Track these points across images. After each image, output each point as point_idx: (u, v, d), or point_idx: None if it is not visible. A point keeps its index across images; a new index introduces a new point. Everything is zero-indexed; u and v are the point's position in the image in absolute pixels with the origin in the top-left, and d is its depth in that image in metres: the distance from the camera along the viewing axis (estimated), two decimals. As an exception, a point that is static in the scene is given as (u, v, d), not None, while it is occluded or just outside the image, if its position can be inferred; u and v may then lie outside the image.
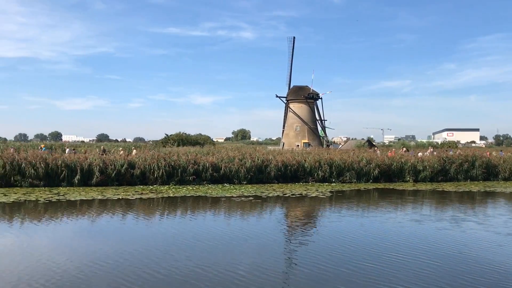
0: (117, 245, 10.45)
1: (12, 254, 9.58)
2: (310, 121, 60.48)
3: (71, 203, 16.98)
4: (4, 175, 21.40)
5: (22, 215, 14.53)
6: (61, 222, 13.48)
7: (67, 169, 22.07)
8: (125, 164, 23.11)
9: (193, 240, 11.14)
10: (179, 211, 16.04)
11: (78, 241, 11.00)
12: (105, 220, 13.96)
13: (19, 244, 10.56)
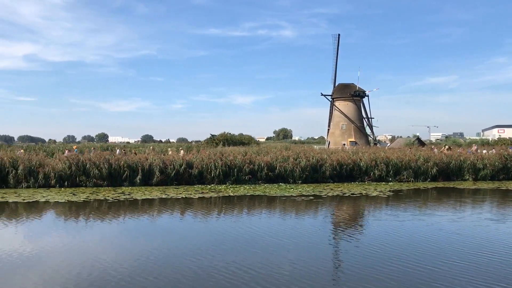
0: (172, 243, 10.64)
1: (67, 252, 9.83)
2: (356, 119, 59.44)
3: (137, 202, 17.41)
4: (70, 175, 22.28)
5: (92, 213, 15.03)
6: (125, 220, 13.83)
7: (129, 170, 22.71)
8: (184, 164, 23.51)
9: (248, 237, 11.17)
10: (240, 210, 16.10)
11: (140, 239, 11.12)
12: (167, 219, 14.22)
13: (76, 242, 10.91)
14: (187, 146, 42.73)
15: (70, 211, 15.54)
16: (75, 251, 9.83)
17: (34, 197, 18.33)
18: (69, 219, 14.12)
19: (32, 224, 13.23)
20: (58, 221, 13.83)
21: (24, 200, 17.56)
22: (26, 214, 14.88)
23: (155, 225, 13.33)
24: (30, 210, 15.73)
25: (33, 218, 14.27)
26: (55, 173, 22.01)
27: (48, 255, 9.54)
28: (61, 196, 18.80)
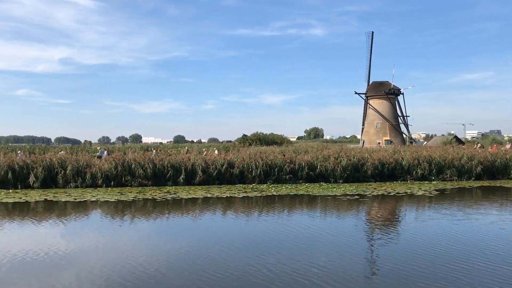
0: (212, 242, 10.68)
1: (107, 250, 10.09)
2: (391, 118, 58.47)
3: (182, 201, 17.70)
4: (116, 175, 22.85)
5: (138, 212, 15.38)
6: (169, 219, 14.10)
7: (172, 170, 23.12)
8: (225, 164, 23.73)
9: (284, 237, 11.16)
10: (285, 209, 16.11)
11: (180, 237, 11.28)
12: (210, 217, 14.38)
13: (118, 240, 11.16)
14: (224, 146, 43.05)
15: (117, 210, 15.95)
16: (115, 249, 10.12)
17: (84, 196, 18.91)
18: (116, 217, 14.47)
19: (79, 223, 13.63)
20: (105, 220, 14.18)
21: (76, 200, 18.13)
22: (75, 213, 15.36)
23: (198, 224, 13.46)
24: (78, 209, 16.23)
25: (81, 217, 14.73)
26: (102, 173, 22.64)
27: (89, 252, 9.78)
28: (110, 195, 19.32)
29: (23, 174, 22.10)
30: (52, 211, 15.61)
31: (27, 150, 38.91)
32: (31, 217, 14.48)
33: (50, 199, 18.20)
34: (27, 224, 13.28)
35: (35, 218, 14.22)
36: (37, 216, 14.65)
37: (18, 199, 18.18)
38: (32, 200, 17.96)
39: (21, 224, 13.35)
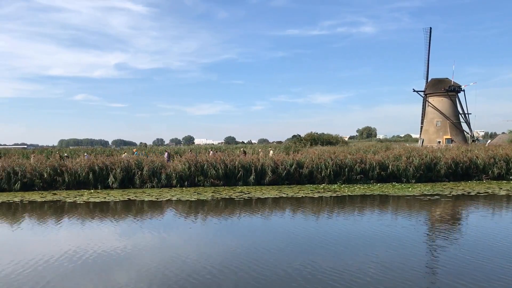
0: (276, 242, 10.71)
1: (170, 248, 10.29)
2: (452, 115, 56.26)
3: (259, 201, 17.90)
4: (190, 176, 23.47)
5: (215, 211, 15.68)
6: (240, 218, 14.19)
7: (243, 170, 23.45)
8: (294, 164, 23.77)
9: (349, 237, 10.95)
10: (365, 209, 15.88)
11: (246, 236, 11.32)
12: (280, 217, 14.44)
13: (186, 239, 11.34)
14: (285, 146, 43.07)
15: (193, 209, 16.44)
16: (176, 247, 10.45)
17: (164, 196, 19.53)
18: (190, 216, 14.89)
19: (156, 221, 14.10)
20: (178, 219, 14.59)
21: (158, 199, 18.77)
22: (152, 212, 15.94)
23: (268, 223, 13.53)
24: (157, 208, 16.80)
25: (158, 215, 15.28)
26: (176, 173, 23.33)
27: (151, 250, 10.13)
28: (189, 195, 19.85)
29: (102, 175, 23.17)
30: (131, 210, 16.28)
31: (93, 152, 40.74)
32: (111, 216, 15.18)
33: (133, 199, 18.95)
34: (106, 222, 13.91)
35: (115, 216, 14.93)
36: (116, 215, 15.37)
37: (102, 199, 19.07)
38: (117, 200, 18.77)
39: (101, 222, 13.94)
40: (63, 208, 16.80)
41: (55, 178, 22.81)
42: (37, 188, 22.47)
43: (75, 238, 11.61)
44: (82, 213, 15.66)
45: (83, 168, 22.94)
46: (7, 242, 11.47)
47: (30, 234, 12.37)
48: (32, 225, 13.60)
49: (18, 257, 9.48)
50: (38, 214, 15.68)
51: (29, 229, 13.08)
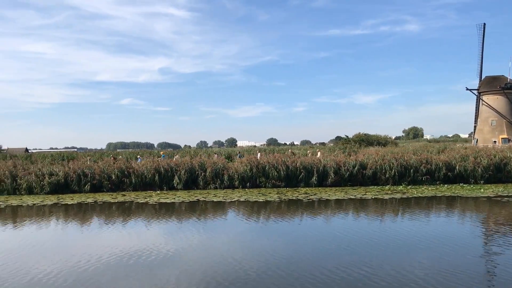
0: (331, 244, 10.51)
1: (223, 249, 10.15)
2: (508, 114, 53.87)
3: (322, 202, 17.75)
4: (251, 177, 23.62)
5: (278, 213, 15.62)
6: (301, 220, 14.02)
7: (305, 171, 23.35)
8: (357, 165, 23.45)
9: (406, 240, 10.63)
10: (444, 212, 15.43)
11: (303, 239, 11.11)
12: (341, 219, 14.14)
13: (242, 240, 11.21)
14: (328, 148, 42.63)
15: (253, 210, 16.56)
16: (230, 248, 10.40)
17: (231, 197, 19.73)
18: (251, 217, 14.95)
19: (216, 222, 14.23)
20: (240, 220, 14.61)
21: (226, 200, 18.99)
22: (215, 212, 16.11)
23: (328, 225, 13.32)
24: (218, 208, 17.00)
25: (220, 216, 15.35)
26: (238, 175, 23.53)
27: (209, 250, 10.22)
28: (254, 195, 19.97)
29: (167, 177, 23.71)
30: (195, 211, 16.54)
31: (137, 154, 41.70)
32: (176, 216, 15.47)
33: (201, 199, 19.26)
34: (171, 223, 14.17)
35: (180, 217, 15.18)
36: (181, 215, 15.63)
37: (172, 199, 19.48)
38: (186, 201, 19.12)
39: (166, 222, 14.23)
40: (131, 209, 17.28)
41: (123, 179, 23.53)
42: (106, 189, 23.26)
43: (136, 238, 11.93)
44: (150, 213, 16.08)
45: (149, 170, 23.56)
46: (73, 241, 11.86)
47: (97, 233, 12.77)
48: (100, 225, 14.04)
49: (86, 255, 9.81)
50: (107, 215, 16.19)
51: (95, 228, 13.51)
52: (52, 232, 13.17)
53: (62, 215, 16.34)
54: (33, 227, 13.93)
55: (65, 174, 23.31)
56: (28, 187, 22.85)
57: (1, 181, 23.04)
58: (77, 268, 8.90)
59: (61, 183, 23.13)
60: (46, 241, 11.98)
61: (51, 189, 22.75)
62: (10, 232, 13.31)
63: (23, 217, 15.89)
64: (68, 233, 13.00)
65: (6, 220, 15.43)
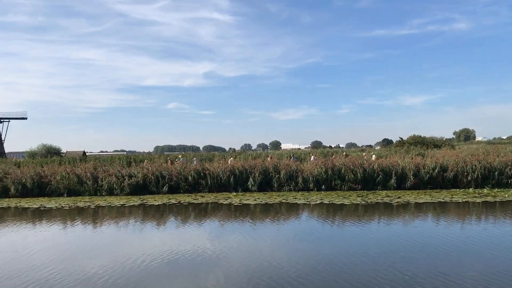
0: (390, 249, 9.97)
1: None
2: None
3: (405, 206, 17.24)
4: (326, 179, 23.36)
5: (349, 216, 15.23)
6: (379, 224, 13.51)
7: (383, 173, 22.87)
8: (438, 167, 22.75)
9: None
10: None
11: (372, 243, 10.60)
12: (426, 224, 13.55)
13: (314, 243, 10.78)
14: (377, 151, 41.65)
15: (328, 212, 16.30)
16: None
17: (313, 199, 19.56)
18: (326, 220, 14.65)
19: (289, 225, 13.93)
20: (316, 222, 14.34)
21: (309, 202, 18.84)
22: (289, 215, 15.89)
23: (400, 229, 12.73)
24: (294, 211, 16.85)
25: (294, 219, 15.09)
26: (313, 177, 23.34)
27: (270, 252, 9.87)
28: (334, 198, 19.71)
29: (242, 179, 23.84)
30: (269, 213, 16.46)
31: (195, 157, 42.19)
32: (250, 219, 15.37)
33: (291, 202, 19.20)
34: (246, 225, 14.05)
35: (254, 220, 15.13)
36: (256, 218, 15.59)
37: (265, 200, 19.53)
38: (273, 202, 19.12)
39: (242, 224, 14.15)
40: (207, 210, 17.42)
41: (199, 181, 23.87)
42: (182, 191, 23.66)
43: (212, 237, 11.95)
44: (229, 213, 16.19)
45: (224, 172, 23.78)
46: (149, 240, 11.98)
47: (174, 233, 12.86)
48: (176, 225, 14.19)
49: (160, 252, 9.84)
50: (186, 215, 16.39)
51: (172, 228, 13.66)
52: (131, 231, 13.43)
53: (142, 215, 16.85)
54: (111, 227, 14.39)
55: (143, 176, 23.90)
56: (109, 188, 23.57)
57: (84, 183, 23.88)
58: (135, 267, 9.13)
59: (140, 184, 23.74)
60: (118, 239, 12.21)
61: (130, 190, 23.37)
62: (90, 231, 13.68)
63: (113, 217, 16.36)
64: (145, 232, 13.28)
65: (97, 220, 15.91)
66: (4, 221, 16.21)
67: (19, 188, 23.79)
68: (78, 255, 10.33)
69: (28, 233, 13.57)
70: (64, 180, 23.91)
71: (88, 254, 10.44)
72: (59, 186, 23.80)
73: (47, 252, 10.79)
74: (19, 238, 12.85)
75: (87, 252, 10.72)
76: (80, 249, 11.02)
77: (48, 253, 10.66)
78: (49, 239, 12.71)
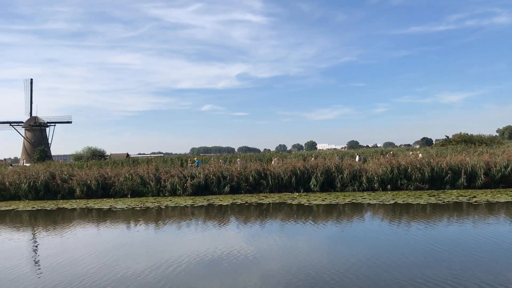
0: None
1: None
2: None
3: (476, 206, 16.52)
4: (392, 179, 22.78)
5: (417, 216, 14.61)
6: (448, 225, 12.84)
7: (451, 172, 22.12)
8: (510, 165, 21.83)
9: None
10: None
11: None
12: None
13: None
14: (421, 149, 40.41)
15: (394, 213, 15.83)
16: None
17: (386, 199, 19.07)
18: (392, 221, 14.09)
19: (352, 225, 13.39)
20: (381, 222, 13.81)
21: (382, 202, 18.37)
22: (354, 215, 15.38)
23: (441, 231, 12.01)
24: (367, 210, 16.36)
25: (358, 219, 14.56)
26: (378, 177, 22.81)
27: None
28: (407, 198, 19.17)
29: (304, 179, 23.56)
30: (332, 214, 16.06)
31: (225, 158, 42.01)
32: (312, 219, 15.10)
33: (357, 202, 18.81)
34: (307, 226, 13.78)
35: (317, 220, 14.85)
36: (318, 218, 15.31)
37: (331, 201, 19.22)
38: (339, 203, 18.75)
39: (304, 226, 13.82)
40: (282, 210, 17.20)
41: (260, 181, 23.74)
42: (243, 191, 23.59)
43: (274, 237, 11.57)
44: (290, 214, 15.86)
45: (286, 172, 23.56)
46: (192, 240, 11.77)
47: (236, 233, 12.62)
48: (237, 225, 14.00)
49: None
50: (246, 216, 16.19)
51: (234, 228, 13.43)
52: (196, 231, 13.34)
53: (204, 215, 16.97)
54: (173, 227, 14.43)
55: (205, 177, 23.98)
56: (172, 189, 23.76)
57: (147, 184, 24.17)
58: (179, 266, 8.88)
59: (202, 185, 23.82)
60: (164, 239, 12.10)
61: (193, 191, 23.47)
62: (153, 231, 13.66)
63: (176, 217, 16.39)
64: (211, 232, 13.15)
65: (163, 220, 15.96)
66: (103, 221, 16.55)
67: (85, 190, 24.29)
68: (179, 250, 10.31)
69: (133, 233, 13.75)
70: (128, 182, 24.25)
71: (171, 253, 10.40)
72: (122, 187, 24.16)
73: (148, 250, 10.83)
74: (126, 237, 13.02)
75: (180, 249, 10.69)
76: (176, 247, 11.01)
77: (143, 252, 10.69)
78: (152, 237, 12.79)
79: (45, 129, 75.79)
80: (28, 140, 73.84)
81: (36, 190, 24.65)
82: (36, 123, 74.21)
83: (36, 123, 74.24)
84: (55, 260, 10.15)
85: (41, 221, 17.43)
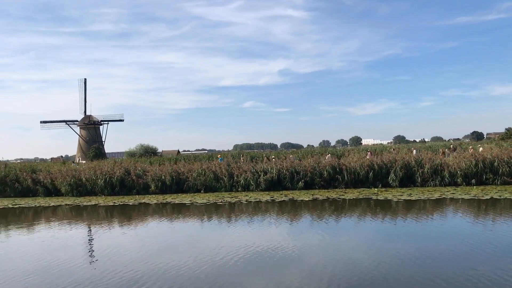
0: None
1: None
2: None
3: None
4: (476, 173, 21.72)
5: None
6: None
7: None
8: None
9: None
10: None
11: None
12: None
13: None
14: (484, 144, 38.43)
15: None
16: None
17: (480, 195, 18.15)
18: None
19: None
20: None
21: (472, 198, 17.49)
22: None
23: None
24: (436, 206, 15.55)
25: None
26: (461, 171, 21.81)
27: None
28: (505, 193, 18.16)
29: (381, 174, 22.86)
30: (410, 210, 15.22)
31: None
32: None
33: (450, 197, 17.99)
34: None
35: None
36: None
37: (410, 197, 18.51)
38: (430, 198, 17.99)
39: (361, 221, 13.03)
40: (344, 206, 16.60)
41: (335, 176, 23.23)
42: (317, 186, 23.15)
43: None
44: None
45: (363, 166, 22.94)
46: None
47: (305, 230, 12.04)
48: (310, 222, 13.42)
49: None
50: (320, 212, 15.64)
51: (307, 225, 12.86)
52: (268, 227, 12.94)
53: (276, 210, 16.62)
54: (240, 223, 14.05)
55: (278, 172, 23.73)
56: (245, 184, 23.67)
57: (220, 179, 24.19)
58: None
59: (275, 180, 23.58)
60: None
61: (266, 186, 23.28)
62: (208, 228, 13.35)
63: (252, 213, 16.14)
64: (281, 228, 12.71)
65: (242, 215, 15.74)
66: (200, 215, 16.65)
67: (159, 185, 24.61)
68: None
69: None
70: (201, 177, 24.36)
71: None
72: (196, 183, 24.30)
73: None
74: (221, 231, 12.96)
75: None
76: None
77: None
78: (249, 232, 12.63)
79: (98, 127, 78.30)
80: (83, 138, 76.47)
81: (111, 186, 25.20)
82: (90, 122, 76.77)
83: (91, 121, 76.79)
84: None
85: (139, 214, 17.64)
